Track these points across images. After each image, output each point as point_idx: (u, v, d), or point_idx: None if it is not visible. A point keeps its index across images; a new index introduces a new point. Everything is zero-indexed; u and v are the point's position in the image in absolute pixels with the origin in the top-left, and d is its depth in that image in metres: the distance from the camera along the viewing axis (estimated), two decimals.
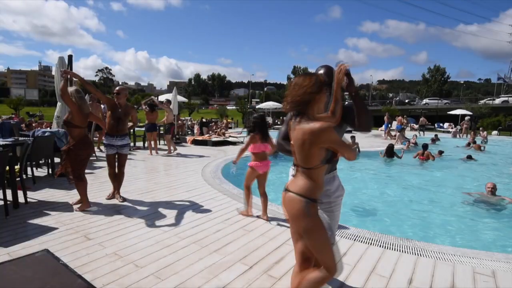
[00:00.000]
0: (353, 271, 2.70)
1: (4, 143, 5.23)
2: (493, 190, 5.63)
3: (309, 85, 1.59)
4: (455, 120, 29.22)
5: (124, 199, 4.54)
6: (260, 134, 3.93)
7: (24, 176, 4.71)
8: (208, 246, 3.12)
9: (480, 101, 40.97)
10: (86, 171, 4.22)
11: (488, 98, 44.00)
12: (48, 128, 8.55)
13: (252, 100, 67.73)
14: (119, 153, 4.45)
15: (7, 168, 3.95)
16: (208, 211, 4.21)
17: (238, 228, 3.62)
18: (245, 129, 21.07)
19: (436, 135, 17.41)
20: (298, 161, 1.71)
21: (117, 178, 4.57)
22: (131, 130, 8.12)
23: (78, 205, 4.05)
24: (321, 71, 2.01)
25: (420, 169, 9.83)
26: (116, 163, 4.52)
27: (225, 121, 23.40)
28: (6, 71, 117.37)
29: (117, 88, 4.59)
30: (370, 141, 15.98)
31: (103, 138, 5.21)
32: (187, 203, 4.56)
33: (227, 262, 2.80)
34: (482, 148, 14.45)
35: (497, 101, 39.92)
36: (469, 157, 10.90)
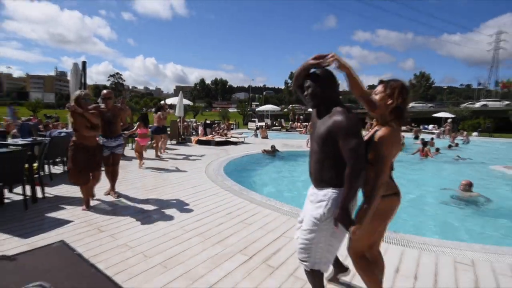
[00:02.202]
0: (344, 261, 2.70)
1: (23, 142, 5.23)
2: (467, 187, 5.59)
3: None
4: (439, 122, 29.29)
5: (119, 196, 4.44)
6: (143, 123, 7.26)
7: (41, 173, 4.72)
8: (211, 238, 3.12)
9: (462, 105, 41.00)
10: None
11: (469, 102, 44.11)
12: (64, 129, 8.54)
13: (252, 103, 67.63)
14: (113, 153, 4.37)
15: (26, 165, 3.96)
16: (211, 205, 4.21)
17: (239, 222, 3.62)
18: (250, 129, 21.17)
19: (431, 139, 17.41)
20: None
21: (111, 175, 4.44)
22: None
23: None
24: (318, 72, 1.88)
25: (415, 165, 9.84)
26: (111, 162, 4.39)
27: (227, 122, 23.36)
28: (25, 76, 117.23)
29: (104, 92, 4.41)
30: None
31: None
32: (192, 198, 4.55)
33: (228, 253, 2.80)
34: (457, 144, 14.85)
35: (477, 105, 40.08)
36: (458, 157, 11.09)
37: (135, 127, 7.41)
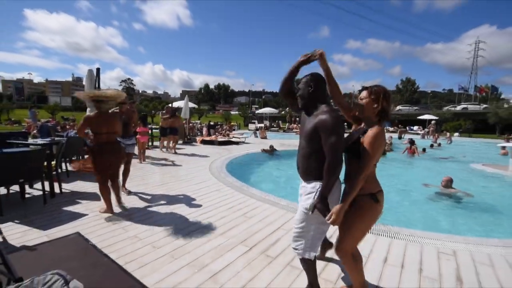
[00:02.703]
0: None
1: (43, 142, 5.22)
2: (449, 183, 5.58)
3: None
4: (424, 123, 29.28)
5: (130, 192, 4.40)
6: (142, 123, 7.11)
7: (59, 170, 4.71)
8: (215, 230, 3.11)
9: (444, 108, 41.04)
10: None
11: (451, 106, 44.14)
12: None
13: (252, 106, 67.53)
14: (127, 152, 4.38)
15: (45, 163, 3.95)
16: (214, 200, 4.20)
17: (240, 215, 3.61)
18: (249, 130, 21.17)
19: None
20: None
21: (124, 172, 4.40)
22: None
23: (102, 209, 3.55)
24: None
25: (403, 163, 9.83)
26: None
27: (229, 124, 23.34)
28: (44, 81, 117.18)
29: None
30: None
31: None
32: (197, 193, 4.54)
33: (230, 244, 2.79)
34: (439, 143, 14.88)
35: (458, 108, 40.07)
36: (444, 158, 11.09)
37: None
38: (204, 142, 12.39)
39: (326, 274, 2.33)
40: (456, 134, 24.78)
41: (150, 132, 9.95)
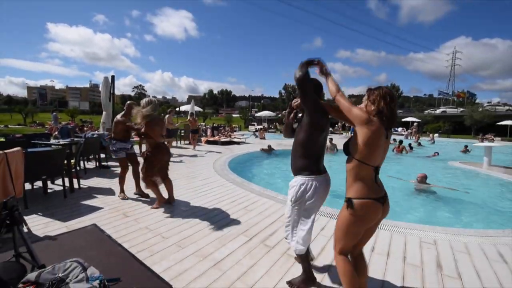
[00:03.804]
0: (327, 243, 2.69)
1: (63, 142, 5.21)
2: (423, 179, 5.57)
3: None
4: (407, 125, 29.28)
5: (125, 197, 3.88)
6: None
7: (78, 168, 4.70)
8: (218, 222, 3.10)
9: (425, 111, 41.05)
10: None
11: (431, 109, 44.18)
12: (96, 131, 8.51)
13: (252, 109, 67.48)
14: (130, 153, 3.96)
15: (65, 161, 3.94)
16: (218, 195, 4.19)
17: (241, 209, 3.60)
18: (249, 132, 21.19)
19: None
20: (381, 164, 1.56)
21: (134, 176, 4.02)
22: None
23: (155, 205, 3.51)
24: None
25: (391, 160, 9.82)
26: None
27: (231, 126, 23.31)
28: (65, 88, 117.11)
29: (128, 103, 3.95)
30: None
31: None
32: (202, 189, 4.53)
33: (232, 234, 2.79)
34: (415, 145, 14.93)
35: (438, 111, 40.18)
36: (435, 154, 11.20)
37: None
38: (208, 142, 12.37)
39: (318, 262, 2.32)
40: (436, 135, 24.77)
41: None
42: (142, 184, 3.57)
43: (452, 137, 25.01)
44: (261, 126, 24.68)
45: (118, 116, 3.88)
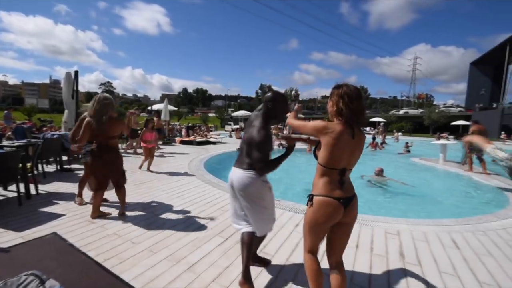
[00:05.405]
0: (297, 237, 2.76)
1: (18, 144, 4.71)
2: (380, 173, 5.97)
3: None
4: (374, 125, 31.17)
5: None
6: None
7: (35, 172, 4.28)
8: (193, 224, 3.03)
9: (390, 112, 44.05)
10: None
11: (395, 110, 47.49)
12: (57, 132, 7.83)
13: (228, 109, 66.95)
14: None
15: (20, 165, 3.56)
16: (193, 196, 4.09)
17: (217, 209, 3.55)
18: (228, 130, 20.92)
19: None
20: (351, 165, 1.55)
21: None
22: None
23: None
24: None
25: (366, 157, 10.31)
26: None
27: (207, 125, 22.90)
28: (20, 83, 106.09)
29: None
30: None
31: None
32: (176, 190, 4.39)
33: (207, 236, 2.73)
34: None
35: (401, 112, 43.38)
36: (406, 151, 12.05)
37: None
38: (183, 142, 12.03)
39: (293, 259, 2.37)
40: (399, 133, 26.68)
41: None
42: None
43: (414, 136, 27.15)
44: (237, 126, 24.60)
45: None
